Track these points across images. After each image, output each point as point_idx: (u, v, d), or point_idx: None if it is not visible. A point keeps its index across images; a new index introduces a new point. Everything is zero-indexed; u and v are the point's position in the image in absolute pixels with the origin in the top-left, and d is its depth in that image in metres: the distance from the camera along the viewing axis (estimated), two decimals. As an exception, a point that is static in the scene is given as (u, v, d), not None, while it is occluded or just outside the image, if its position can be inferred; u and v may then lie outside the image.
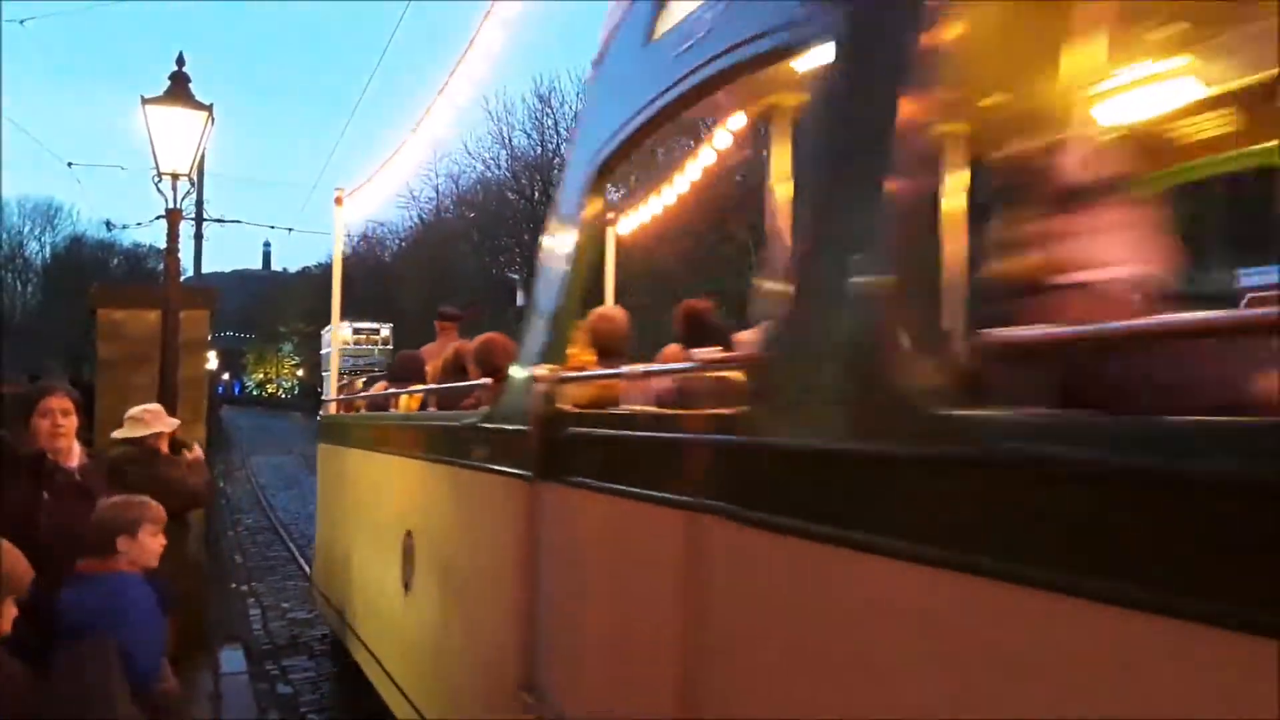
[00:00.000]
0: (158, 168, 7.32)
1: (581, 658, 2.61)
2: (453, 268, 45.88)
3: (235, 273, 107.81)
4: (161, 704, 3.40)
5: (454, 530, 3.89)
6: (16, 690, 2.78)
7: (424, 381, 5.75)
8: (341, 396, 8.53)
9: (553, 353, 2.97)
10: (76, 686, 2.99)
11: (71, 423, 3.72)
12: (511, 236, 50.41)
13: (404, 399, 5.72)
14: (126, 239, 60.05)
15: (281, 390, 78.56)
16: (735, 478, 1.84)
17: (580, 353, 3.47)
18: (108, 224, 41.95)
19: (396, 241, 58.26)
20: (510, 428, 3.08)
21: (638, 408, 2.71)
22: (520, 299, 38.15)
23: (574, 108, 43.91)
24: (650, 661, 2.12)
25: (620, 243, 6.88)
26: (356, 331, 50.70)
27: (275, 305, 73.72)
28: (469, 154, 45.84)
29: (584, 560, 2.61)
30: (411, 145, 7.50)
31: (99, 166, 37.98)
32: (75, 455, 3.77)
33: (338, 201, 9.13)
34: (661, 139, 2.37)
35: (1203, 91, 2.63)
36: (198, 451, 5.30)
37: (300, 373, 69.52)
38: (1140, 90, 2.63)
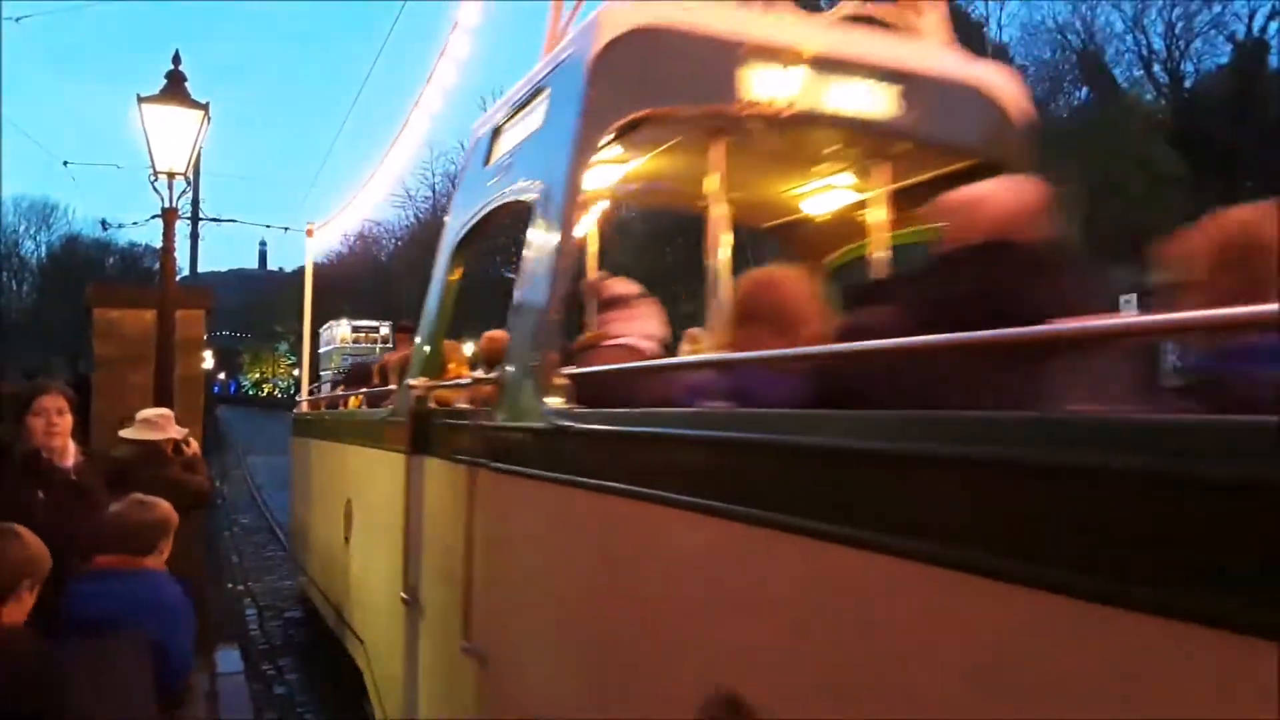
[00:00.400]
0: (154, 167, 7.31)
1: (429, 563, 3.95)
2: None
3: (231, 272, 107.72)
4: (185, 699, 3.48)
5: (372, 493, 5.22)
6: (47, 672, 2.81)
7: (369, 387, 7.00)
8: (308, 398, 10.78)
9: (428, 368, 4.42)
10: (111, 680, 3.03)
11: (66, 422, 3.70)
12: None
13: (351, 400, 7.22)
14: (122, 238, 59.97)
15: (278, 390, 78.38)
16: (489, 446, 3.19)
17: (458, 367, 4.90)
18: (103, 223, 41.68)
19: (393, 241, 58.21)
20: (399, 420, 4.40)
21: (460, 405, 4.07)
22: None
23: (571, 107, 43.85)
24: (454, 557, 3.43)
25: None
26: (356, 330, 50.42)
27: (271, 305, 73.51)
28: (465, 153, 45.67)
29: (429, 501, 3.97)
30: (381, 173, 8.28)
31: (95, 165, 37.84)
32: (70, 454, 3.75)
33: (309, 233, 10.39)
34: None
35: (855, 196, 4.19)
36: (195, 446, 5.32)
37: (296, 372, 69.34)
38: (813, 197, 4.36)
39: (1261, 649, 0.89)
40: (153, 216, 13.47)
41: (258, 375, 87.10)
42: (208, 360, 21.85)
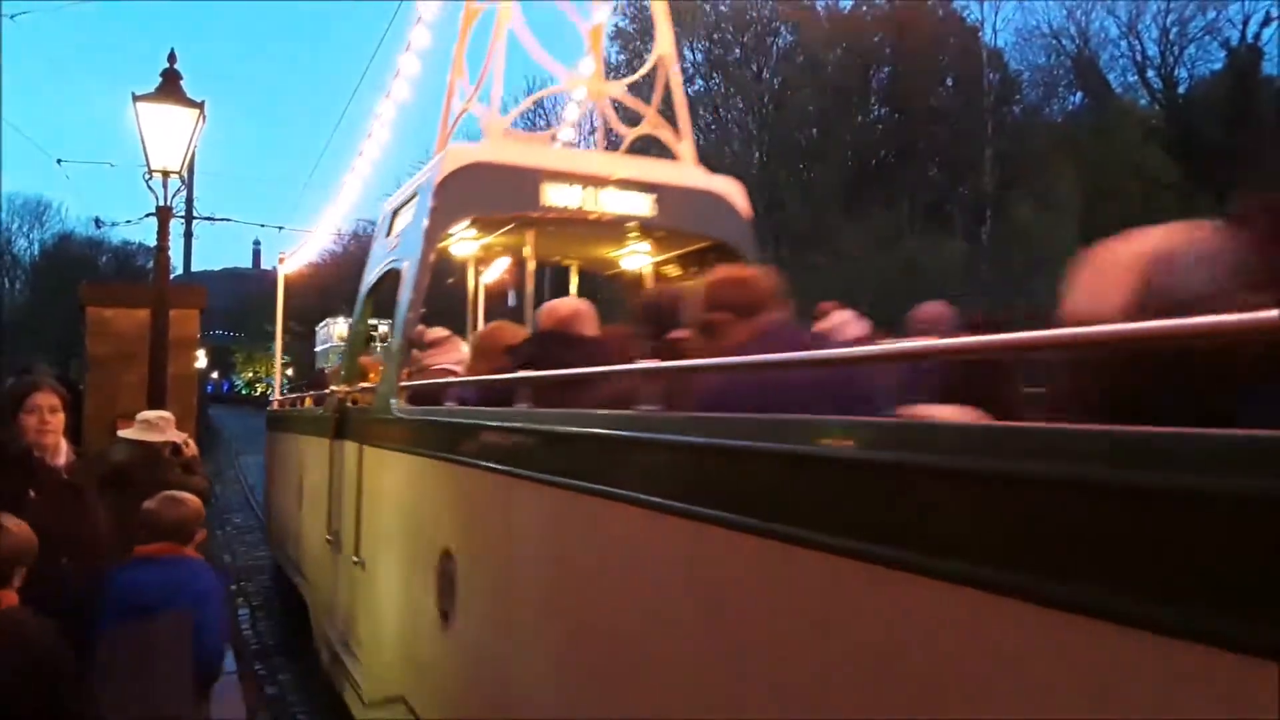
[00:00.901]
0: (148, 165, 7.29)
1: (342, 512, 5.34)
2: (443, 267, 45.66)
3: (225, 271, 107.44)
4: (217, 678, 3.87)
5: (314, 470, 6.68)
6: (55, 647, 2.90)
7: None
8: (278, 399, 13.38)
9: (348, 377, 6.08)
10: (153, 657, 3.24)
11: (59, 420, 3.66)
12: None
13: (307, 400, 8.90)
14: (116, 236, 59.76)
15: (271, 390, 77.80)
16: (370, 431, 4.80)
17: (376, 377, 5.75)
18: (97, 221, 41.64)
19: (388, 241, 57.72)
20: (328, 415, 5.91)
21: (361, 405, 5.56)
22: (511, 299, 38.00)
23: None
24: (352, 505, 5.05)
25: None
26: None
27: (265, 304, 73.10)
28: (461, 154, 45.74)
29: (344, 471, 5.35)
30: (356, 174, 10.29)
31: (88, 163, 37.77)
32: (62, 453, 3.72)
33: (280, 261, 13.27)
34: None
35: (646, 260, 6.10)
36: (193, 448, 5.33)
37: (290, 372, 68.93)
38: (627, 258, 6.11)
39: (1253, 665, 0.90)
40: (146, 215, 13.44)
41: (251, 375, 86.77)
42: (201, 359, 21.76)
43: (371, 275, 5.70)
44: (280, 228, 27.20)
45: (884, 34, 35.73)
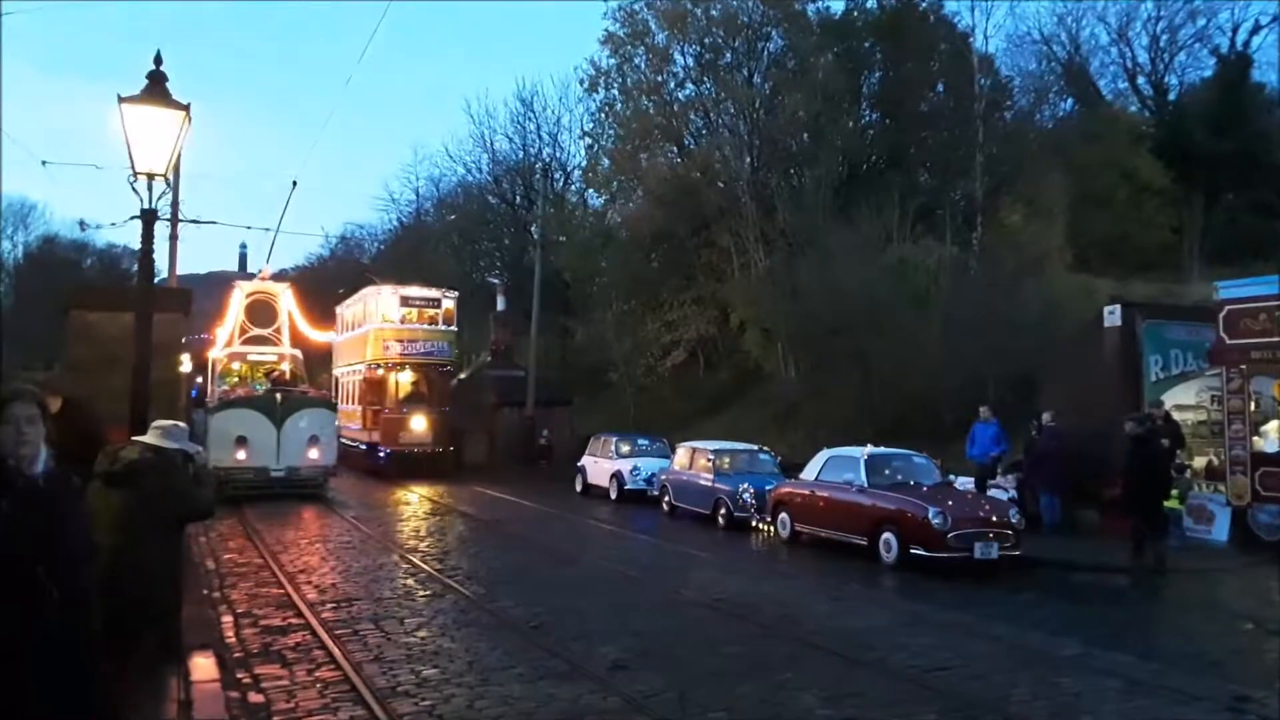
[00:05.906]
0: (133, 167, 7.20)
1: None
2: (432, 270, 45.56)
3: (211, 274, 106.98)
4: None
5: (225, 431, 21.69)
6: None
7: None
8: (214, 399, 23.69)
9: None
10: None
11: (37, 430, 3.58)
12: (492, 240, 50.18)
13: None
14: (100, 239, 59.53)
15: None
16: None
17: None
18: (81, 224, 41.44)
19: (375, 245, 57.90)
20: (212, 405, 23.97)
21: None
22: (501, 303, 37.90)
23: (556, 112, 43.99)
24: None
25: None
26: (407, 304, 28.99)
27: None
28: (450, 157, 45.80)
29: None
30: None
31: (74, 165, 37.65)
32: (40, 462, 3.61)
33: (203, 346, 25.42)
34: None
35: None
36: (205, 456, 5.32)
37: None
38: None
39: None
40: (131, 218, 13.30)
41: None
42: (186, 363, 22.04)
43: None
44: (266, 229, 27.20)
45: (875, 39, 35.82)
